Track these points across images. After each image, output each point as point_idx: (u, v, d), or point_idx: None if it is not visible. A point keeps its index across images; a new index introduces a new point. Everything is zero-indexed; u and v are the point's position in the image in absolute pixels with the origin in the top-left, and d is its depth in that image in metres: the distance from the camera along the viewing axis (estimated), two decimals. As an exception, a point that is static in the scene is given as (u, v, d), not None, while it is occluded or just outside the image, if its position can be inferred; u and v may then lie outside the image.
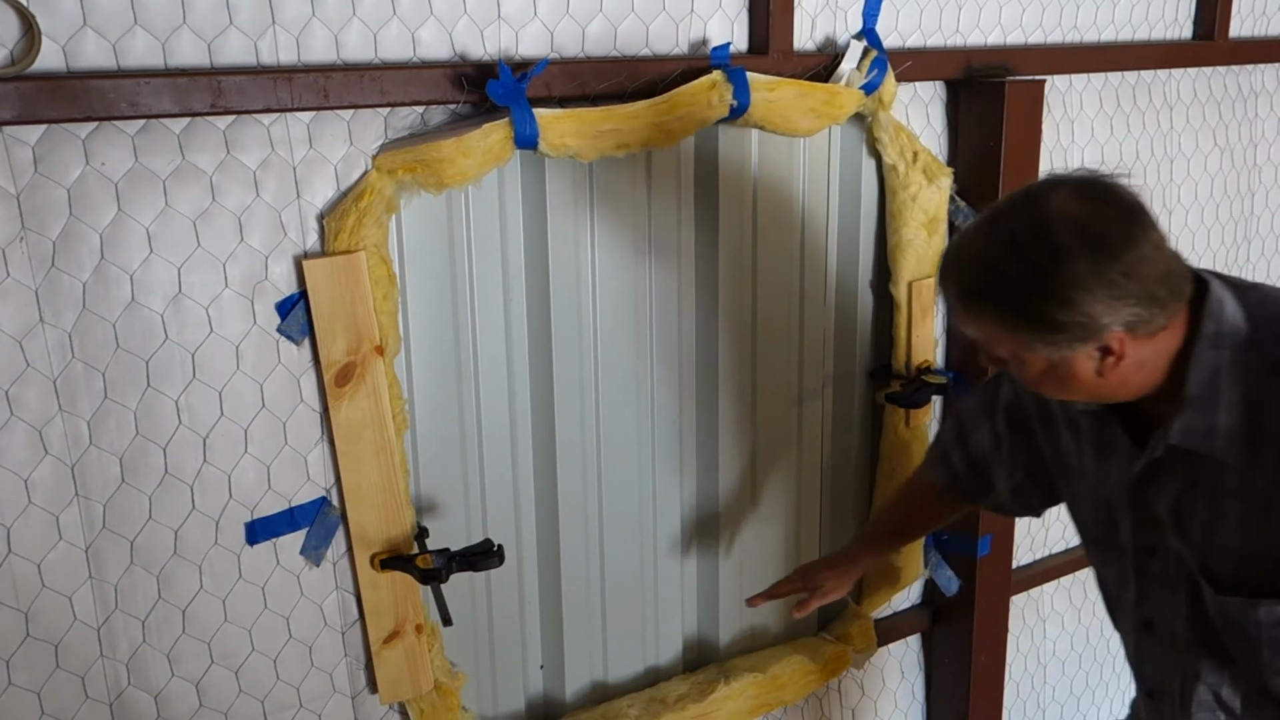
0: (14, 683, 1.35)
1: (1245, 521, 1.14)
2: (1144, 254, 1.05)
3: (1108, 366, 1.10)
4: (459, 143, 1.39)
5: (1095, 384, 1.12)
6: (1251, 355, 1.10)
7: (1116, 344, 1.08)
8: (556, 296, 1.66)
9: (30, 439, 1.29)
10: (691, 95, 1.55)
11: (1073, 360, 1.09)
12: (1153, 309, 1.06)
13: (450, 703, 1.66)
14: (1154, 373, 1.13)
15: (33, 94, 1.18)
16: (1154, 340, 1.10)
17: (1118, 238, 1.04)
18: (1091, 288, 1.03)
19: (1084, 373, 1.11)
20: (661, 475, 1.86)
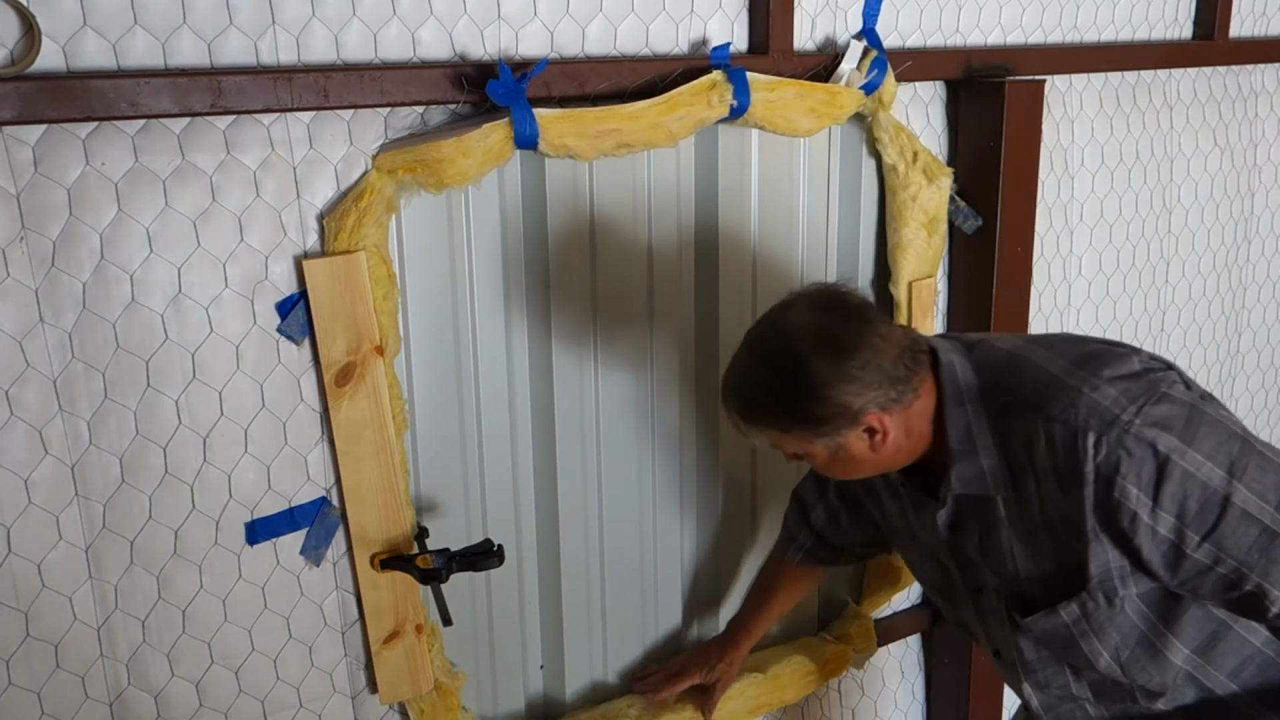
0: (14, 683, 1.35)
1: (1026, 544, 1.31)
2: (874, 346, 1.23)
3: (878, 443, 1.27)
4: (459, 143, 1.39)
5: (875, 459, 1.30)
6: (987, 404, 1.28)
7: (877, 423, 1.25)
8: (556, 296, 1.66)
9: (30, 439, 1.29)
10: (692, 95, 1.55)
11: (847, 445, 1.27)
12: (897, 387, 1.24)
13: (450, 703, 1.66)
14: (923, 435, 1.30)
15: (33, 94, 1.18)
16: (910, 410, 1.27)
17: (849, 338, 1.23)
18: (837, 383, 1.21)
19: (860, 453, 1.28)
20: (662, 475, 1.86)
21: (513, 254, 1.62)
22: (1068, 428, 1.19)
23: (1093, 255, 2.26)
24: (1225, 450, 1.17)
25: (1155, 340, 2.43)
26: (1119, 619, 1.28)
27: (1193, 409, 1.19)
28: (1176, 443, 1.17)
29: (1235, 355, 2.61)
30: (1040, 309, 2.19)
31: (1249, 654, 1.32)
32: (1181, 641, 1.30)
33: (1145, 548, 1.19)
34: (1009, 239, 1.94)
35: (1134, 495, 1.17)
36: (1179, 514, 1.17)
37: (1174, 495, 1.16)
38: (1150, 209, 2.31)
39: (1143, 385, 1.20)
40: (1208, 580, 1.20)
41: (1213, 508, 1.16)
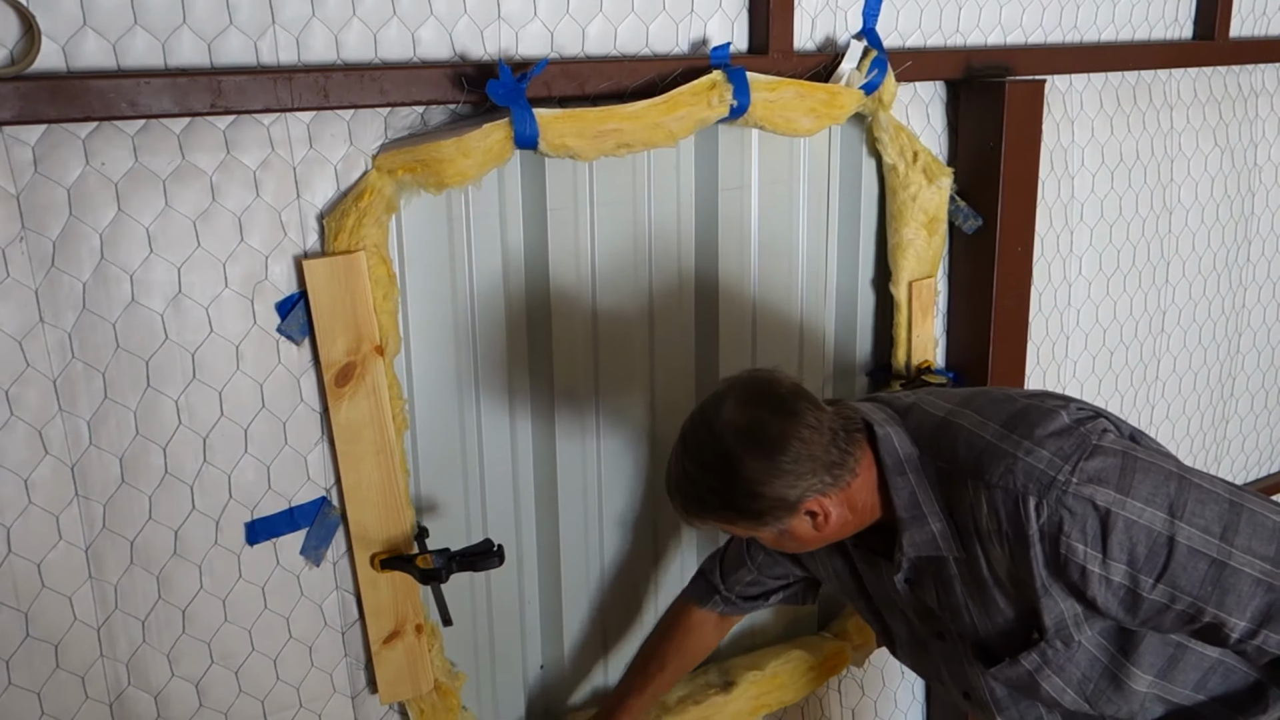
0: (14, 683, 1.35)
1: (980, 602, 1.33)
2: (803, 438, 1.24)
3: (820, 524, 1.29)
4: (459, 143, 1.38)
5: (820, 537, 1.31)
6: (928, 471, 1.29)
7: (817, 507, 1.27)
8: (556, 296, 1.66)
9: (30, 439, 1.29)
10: (692, 95, 1.55)
11: (793, 528, 1.29)
12: (832, 472, 1.25)
13: (450, 703, 1.66)
14: (869, 506, 1.32)
15: (33, 94, 1.18)
16: (851, 489, 1.28)
17: (778, 433, 1.23)
18: (769, 480, 1.23)
19: (805, 533, 1.30)
20: (662, 474, 1.85)
21: (512, 254, 1.62)
22: (1008, 494, 1.21)
23: (1093, 255, 2.26)
24: (1163, 492, 1.19)
25: (1155, 340, 2.43)
26: (1079, 656, 1.31)
27: (1125, 456, 1.21)
28: (1114, 495, 1.19)
29: (1235, 355, 2.61)
30: (1040, 309, 2.19)
31: (1209, 665, 1.33)
32: (1142, 669, 1.31)
33: (1100, 597, 1.21)
34: (1009, 239, 1.94)
35: (1081, 551, 1.19)
36: (1129, 560, 1.19)
37: (1122, 544, 1.18)
38: (1150, 209, 2.31)
39: (1074, 441, 1.21)
40: (1167, 617, 1.22)
41: (1160, 549, 1.18)
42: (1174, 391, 2.51)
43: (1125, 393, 2.41)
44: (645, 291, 1.75)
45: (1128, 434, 1.28)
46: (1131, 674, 1.32)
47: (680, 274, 1.77)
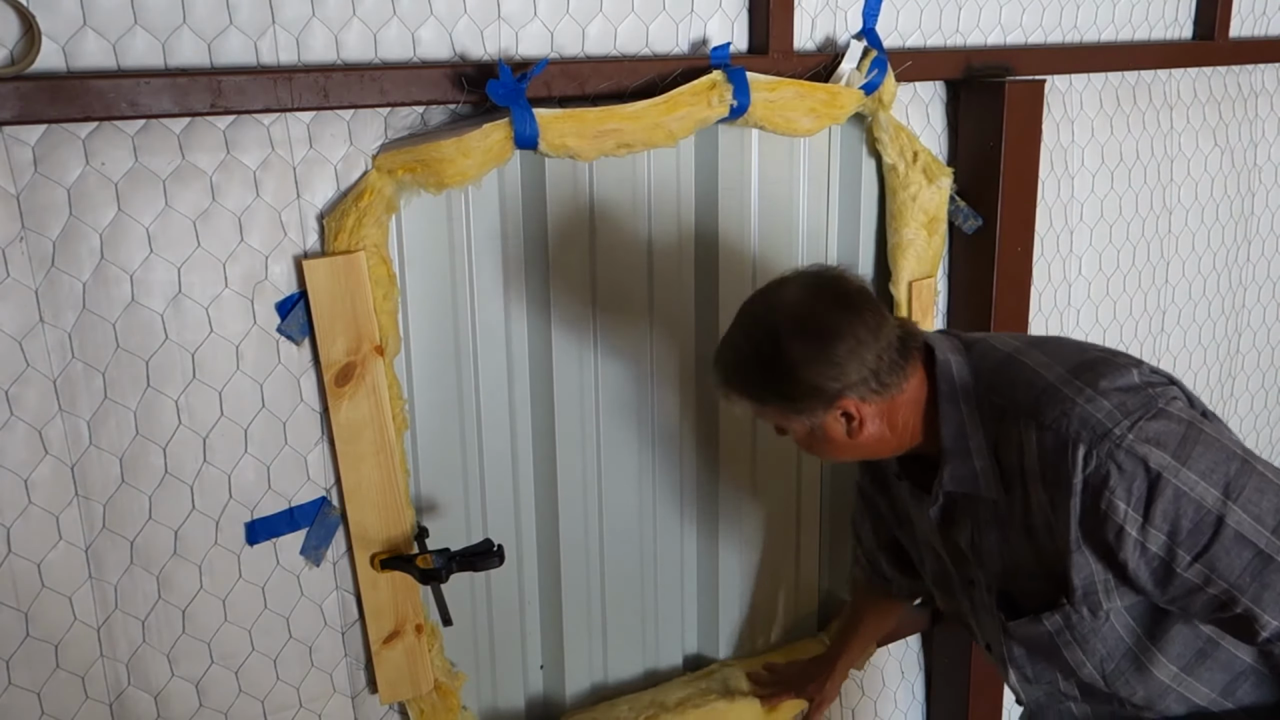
0: (14, 683, 1.35)
1: (1013, 547, 1.31)
2: (857, 335, 1.22)
3: (854, 430, 1.27)
4: (459, 143, 1.38)
5: (852, 445, 1.30)
6: (982, 405, 1.27)
7: (854, 409, 1.25)
8: (556, 296, 1.66)
9: (30, 439, 1.29)
10: (692, 95, 1.55)
11: (824, 426, 1.28)
12: (880, 378, 1.24)
13: (450, 703, 1.66)
14: (911, 429, 1.30)
15: (33, 94, 1.18)
16: (894, 402, 1.27)
17: (831, 323, 1.22)
18: (810, 365, 1.22)
19: (838, 436, 1.29)
20: (662, 475, 1.86)
21: (513, 254, 1.62)
22: (1058, 437, 1.18)
23: (1093, 255, 2.26)
24: (1222, 470, 1.15)
25: (1155, 340, 2.43)
26: (1104, 631, 1.28)
27: (1190, 426, 1.17)
28: (1170, 460, 1.15)
29: (1235, 355, 2.61)
30: (1040, 309, 2.19)
31: (1241, 670, 1.30)
32: (1168, 658, 1.28)
33: (1131, 562, 1.18)
34: (1009, 239, 1.94)
35: (1122, 510, 1.16)
36: (1170, 532, 1.15)
37: (1166, 513, 1.15)
38: (1150, 209, 2.31)
39: (1140, 399, 1.18)
40: (1198, 599, 1.18)
41: (1206, 528, 1.14)
42: (1174, 391, 2.51)
43: (1125, 393, 2.40)
44: (645, 290, 1.75)
45: (1200, 410, 1.24)
46: (1156, 660, 1.28)
47: (680, 272, 1.77)
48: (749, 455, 1.94)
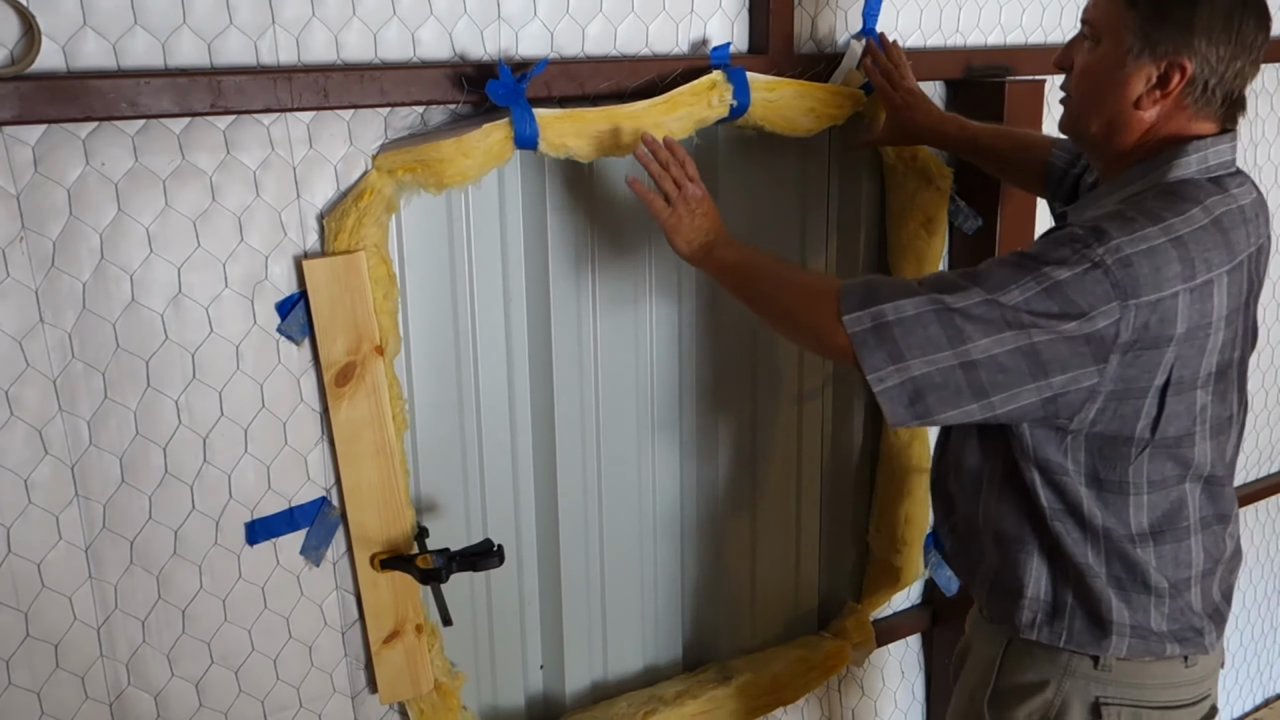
0: (14, 683, 1.35)
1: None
2: (1255, 49, 1.23)
3: (1149, 100, 1.23)
4: (459, 143, 1.39)
5: (1118, 112, 1.26)
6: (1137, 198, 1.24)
7: (1177, 74, 1.21)
8: (556, 296, 1.66)
9: (30, 439, 1.29)
10: (692, 95, 1.55)
11: (1132, 76, 1.23)
12: (1217, 89, 1.24)
13: (450, 703, 1.66)
14: (1143, 151, 1.27)
15: (33, 94, 1.18)
16: (1176, 118, 1.25)
17: (1263, 20, 1.23)
18: (1213, 8, 1.19)
19: (1127, 92, 1.24)
20: (662, 475, 1.86)
21: (513, 254, 1.62)
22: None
23: (1093, 255, 2.26)
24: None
25: (1155, 340, 2.43)
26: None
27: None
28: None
29: (1235, 355, 2.61)
30: (1040, 309, 2.18)
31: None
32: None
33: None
34: (1009, 239, 1.94)
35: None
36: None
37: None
38: (1150, 209, 2.31)
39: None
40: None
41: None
42: (1174, 391, 2.50)
43: (1125, 393, 2.40)
44: (645, 290, 1.75)
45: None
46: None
47: (680, 273, 1.77)
48: (749, 455, 1.94)
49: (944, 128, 1.72)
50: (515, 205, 1.60)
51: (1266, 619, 3.03)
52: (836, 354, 1.25)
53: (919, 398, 1.19)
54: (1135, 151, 1.28)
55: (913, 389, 1.19)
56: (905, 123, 1.71)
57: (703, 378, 1.85)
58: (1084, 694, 1.36)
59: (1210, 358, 1.23)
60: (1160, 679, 1.36)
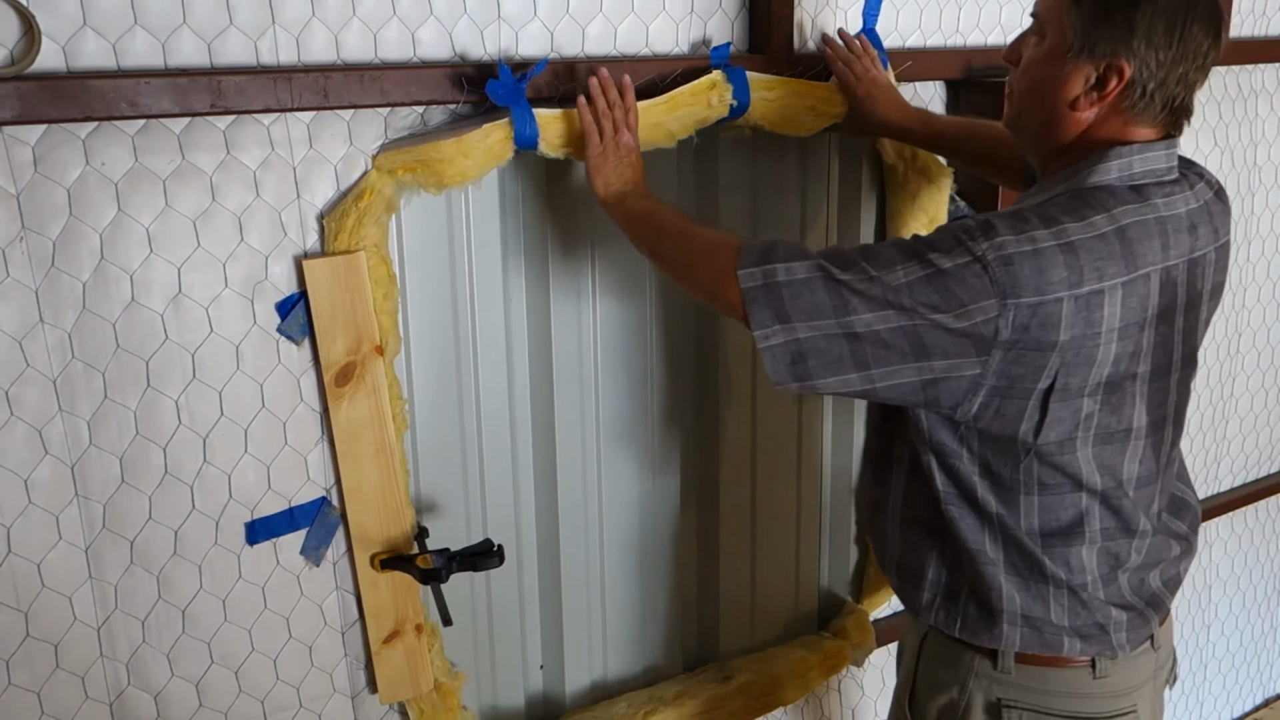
0: (14, 683, 1.35)
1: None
2: (1200, 56, 1.18)
3: (1086, 100, 1.22)
4: (459, 143, 1.39)
5: (1055, 111, 1.24)
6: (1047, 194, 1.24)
7: (1115, 77, 1.19)
8: (556, 296, 1.66)
9: (30, 439, 1.29)
10: (691, 95, 1.55)
11: (1072, 75, 1.22)
12: (1156, 94, 1.20)
13: (450, 703, 1.66)
14: (1078, 153, 1.24)
15: (33, 94, 1.18)
16: (1114, 122, 1.22)
17: (1211, 27, 1.18)
18: (1155, 11, 1.16)
19: (1065, 91, 1.23)
20: (662, 475, 1.86)
21: (513, 254, 1.62)
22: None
23: (1093, 255, 2.26)
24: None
25: (1155, 340, 2.43)
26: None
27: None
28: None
29: (1235, 355, 2.61)
30: (1040, 309, 2.18)
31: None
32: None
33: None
34: (1009, 239, 1.94)
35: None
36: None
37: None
38: (1150, 209, 2.31)
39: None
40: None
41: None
42: (1174, 391, 2.51)
43: (1125, 393, 2.41)
44: (645, 291, 1.75)
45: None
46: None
47: (680, 274, 1.77)
48: (749, 454, 1.94)
49: (906, 123, 1.69)
50: (515, 205, 1.60)
51: (1266, 619, 3.03)
52: (729, 309, 1.24)
53: (801, 360, 1.19)
54: (1069, 152, 1.26)
55: (796, 350, 1.19)
56: (865, 115, 1.69)
57: (704, 376, 1.85)
58: (986, 693, 1.36)
59: (1101, 368, 1.20)
60: (1063, 687, 1.34)
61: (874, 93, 1.69)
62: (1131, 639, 1.34)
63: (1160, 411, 1.30)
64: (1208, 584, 2.82)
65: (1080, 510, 1.28)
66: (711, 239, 1.31)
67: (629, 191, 1.44)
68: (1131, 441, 1.28)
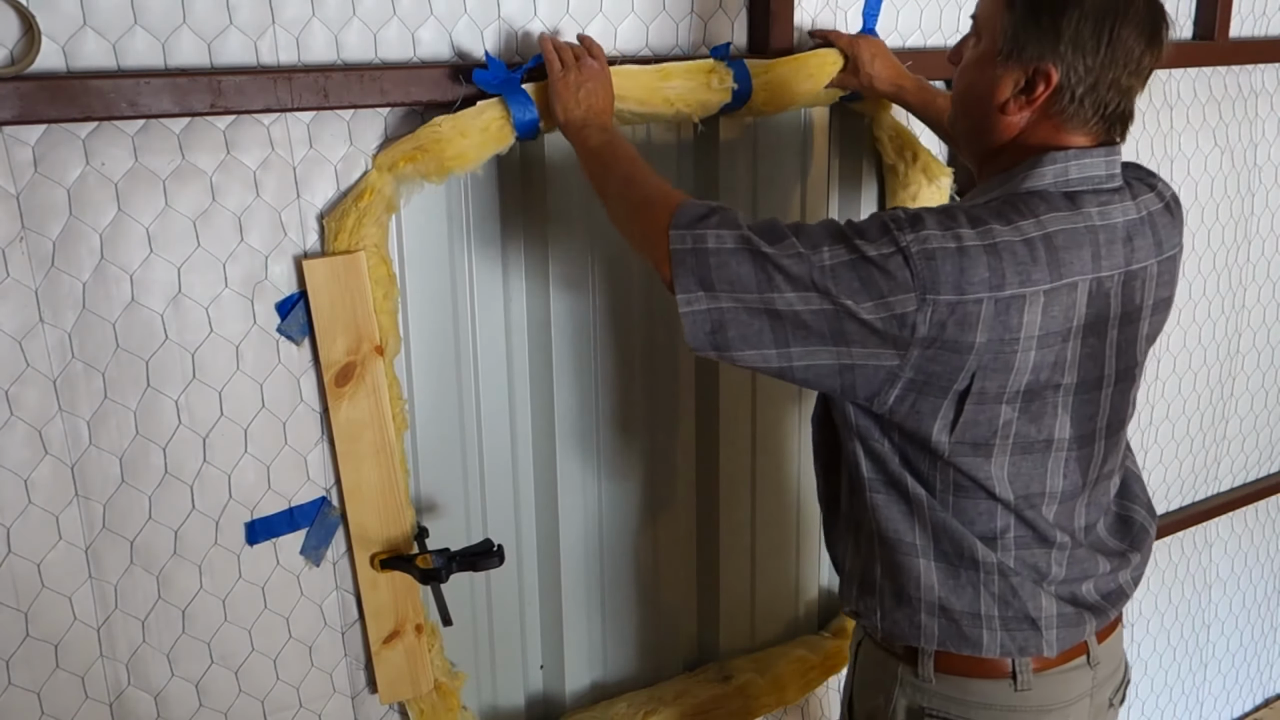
0: (14, 683, 1.35)
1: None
2: (1132, 61, 1.17)
3: (1015, 105, 1.21)
4: (455, 120, 1.39)
5: (986, 114, 1.24)
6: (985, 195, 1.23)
7: (1043, 81, 1.18)
8: (557, 296, 1.66)
9: (30, 439, 1.29)
10: (685, 69, 1.55)
11: (1002, 79, 1.21)
12: (1086, 99, 1.19)
13: (450, 703, 1.66)
14: (1012, 158, 1.23)
15: (33, 94, 1.18)
16: (1046, 127, 1.21)
17: (1144, 32, 1.17)
18: (1082, 15, 1.15)
19: (995, 94, 1.22)
20: (662, 474, 1.86)
21: (513, 253, 1.62)
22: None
23: (1093, 255, 2.26)
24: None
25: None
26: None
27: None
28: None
29: (1235, 355, 2.61)
30: (1040, 309, 2.18)
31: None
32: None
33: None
34: (1009, 239, 1.94)
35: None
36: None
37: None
38: (1150, 209, 2.31)
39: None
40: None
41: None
42: (1174, 391, 2.51)
43: (1125, 393, 2.41)
44: (646, 291, 1.75)
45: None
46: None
47: (680, 274, 1.77)
48: (749, 454, 1.94)
49: (899, 80, 1.69)
50: (516, 205, 1.60)
51: (1266, 619, 3.03)
52: (655, 265, 1.23)
53: (721, 329, 1.18)
54: (1002, 156, 1.25)
55: (718, 319, 1.18)
56: (857, 69, 1.68)
57: (704, 375, 1.85)
58: (911, 700, 1.34)
59: (1020, 376, 1.17)
60: (983, 698, 1.30)
61: (861, 44, 1.68)
62: (1062, 639, 1.29)
63: (1089, 425, 1.27)
64: (1208, 584, 2.83)
65: (994, 517, 1.26)
66: (654, 192, 1.28)
67: (588, 121, 1.40)
68: (1053, 453, 1.25)
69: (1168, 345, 2.46)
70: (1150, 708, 2.81)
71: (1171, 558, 2.69)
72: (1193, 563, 2.75)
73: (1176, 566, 2.71)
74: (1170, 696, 2.85)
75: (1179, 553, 2.70)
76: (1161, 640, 2.76)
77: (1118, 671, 1.42)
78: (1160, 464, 2.55)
